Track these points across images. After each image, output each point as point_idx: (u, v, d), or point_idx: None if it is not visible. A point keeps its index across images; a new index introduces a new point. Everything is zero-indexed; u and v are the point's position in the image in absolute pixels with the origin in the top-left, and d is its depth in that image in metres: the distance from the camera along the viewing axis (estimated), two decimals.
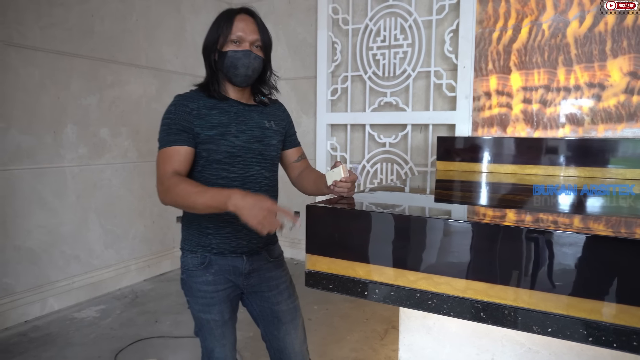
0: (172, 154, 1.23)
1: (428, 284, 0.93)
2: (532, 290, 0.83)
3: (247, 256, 1.36)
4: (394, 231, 0.96)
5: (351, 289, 1.02)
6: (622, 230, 0.93)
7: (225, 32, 1.25)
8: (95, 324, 2.64)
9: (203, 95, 1.30)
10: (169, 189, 1.17)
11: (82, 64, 2.88)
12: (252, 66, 1.28)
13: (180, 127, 1.24)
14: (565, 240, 0.81)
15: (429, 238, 0.93)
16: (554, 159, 1.99)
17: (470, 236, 0.89)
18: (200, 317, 1.35)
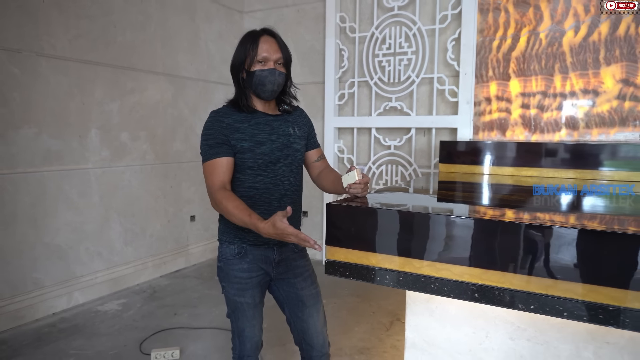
0: (216, 165, 1.41)
1: (431, 270, 1.09)
2: (517, 274, 0.99)
3: (277, 247, 1.53)
4: (401, 225, 1.13)
5: (365, 276, 1.18)
6: (585, 223, 1.09)
7: (251, 54, 1.42)
8: (118, 316, 2.81)
9: (234, 111, 1.47)
10: (219, 203, 1.38)
11: (105, 72, 3.06)
12: (277, 82, 1.45)
13: (219, 140, 1.42)
14: (544, 232, 0.98)
15: (431, 231, 1.09)
16: (548, 162, 2.15)
17: (466, 229, 1.05)
18: (235, 300, 1.52)
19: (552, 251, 0.96)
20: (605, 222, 1.17)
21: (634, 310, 0.89)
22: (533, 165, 2.17)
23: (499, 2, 3.05)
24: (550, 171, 2.15)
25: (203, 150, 1.43)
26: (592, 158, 2.30)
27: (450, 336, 1.29)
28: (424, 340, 1.33)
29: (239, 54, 1.46)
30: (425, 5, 3.35)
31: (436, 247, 1.09)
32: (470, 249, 1.05)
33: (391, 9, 3.44)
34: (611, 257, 0.92)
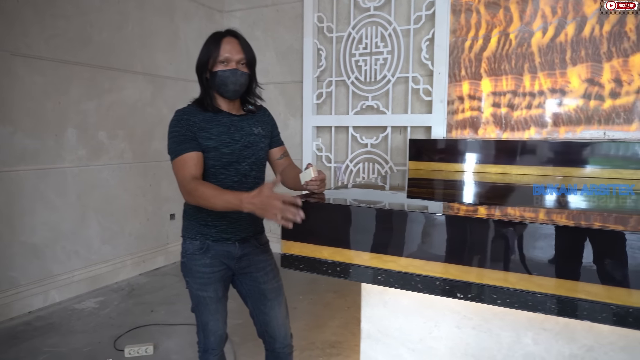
0: (186, 160, 1.44)
1: (378, 262, 1.14)
2: (456, 264, 1.05)
3: (239, 243, 1.57)
4: (348, 220, 1.18)
5: (318, 269, 1.23)
6: (516, 213, 1.15)
7: (214, 54, 1.46)
8: (94, 314, 2.83)
9: (200, 110, 1.51)
10: (191, 192, 1.40)
11: (82, 71, 3.07)
12: (239, 82, 1.49)
13: (187, 136, 1.46)
14: (482, 224, 1.03)
15: (376, 225, 1.14)
16: (511, 159, 2.22)
17: (409, 222, 1.11)
18: (198, 294, 1.56)
19: (489, 243, 1.02)
20: (540, 213, 1.23)
21: (562, 297, 0.95)
22: (497, 162, 2.24)
23: (470, 3, 3.12)
24: (514, 168, 2.23)
25: (171, 148, 1.46)
26: (551, 155, 2.34)
27: (403, 326, 1.34)
28: (378, 331, 1.39)
29: (202, 54, 1.50)
30: (400, 5, 3.41)
31: (382, 240, 1.14)
32: (413, 242, 1.10)
33: (367, 9, 3.50)
34: (547, 248, 0.98)
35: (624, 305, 0.91)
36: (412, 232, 1.10)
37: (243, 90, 1.53)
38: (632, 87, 2.73)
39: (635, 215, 1.30)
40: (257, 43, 4.10)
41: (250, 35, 4.13)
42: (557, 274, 0.96)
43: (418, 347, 1.33)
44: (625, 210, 1.43)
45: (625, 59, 2.73)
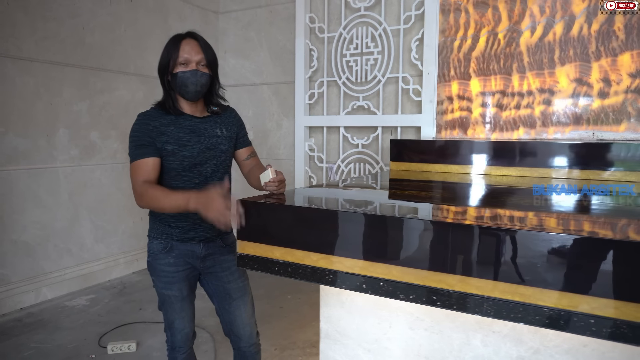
0: (141, 165, 1.47)
1: (326, 262, 1.15)
2: (398, 266, 1.05)
3: (204, 243, 1.59)
4: (298, 221, 1.19)
5: (270, 268, 1.24)
6: (467, 215, 1.15)
7: (174, 56, 1.48)
8: (84, 311, 2.88)
9: (162, 113, 1.53)
10: (141, 195, 1.44)
11: (74, 73, 3.12)
12: (199, 83, 1.51)
13: (145, 142, 1.48)
14: (423, 225, 1.04)
15: (323, 225, 1.15)
16: (490, 160, 2.21)
17: (353, 223, 1.11)
18: (162, 293, 1.59)
19: (428, 245, 1.02)
20: (473, 213, 1.23)
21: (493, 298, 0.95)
22: (477, 163, 2.23)
23: (459, 2, 3.10)
24: (493, 169, 2.21)
25: (130, 151, 1.48)
26: (530, 156, 2.28)
27: (359, 327, 1.35)
28: (336, 331, 1.39)
29: (163, 57, 1.52)
30: (390, 5, 3.40)
31: (328, 240, 1.15)
32: (356, 243, 1.11)
33: (358, 10, 3.50)
34: (483, 250, 0.98)
35: (555, 307, 0.91)
36: (354, 233, 1.11)
37: (204, 91, 1.55)
38: (620, 87, 2.69)
39: (541, 212, 1.29)
40: (251, 44, 4.13)
41: (245, 36, 4.16)
42: (494, 277, 0.96)
43: (374, 348, 1.34)
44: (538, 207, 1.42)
45: (614, 59, 2.69)
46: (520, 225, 1.06)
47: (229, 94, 4.26)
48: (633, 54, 2.64)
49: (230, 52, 4.27)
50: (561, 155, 2.10)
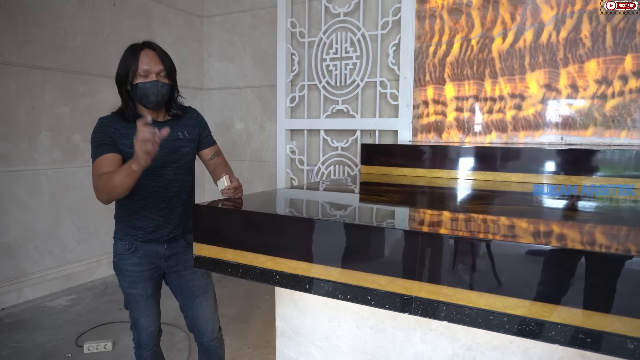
0: (101, 161, 1.52)
1: (273, 264, 1.21)
2: (338, 268, 1.12)
3: (167, 243, 1.65)
4: (247, 224, 1.25)
5: (224, 269, 1.30)
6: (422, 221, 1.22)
7: (133, 67, 1.52)
8: (64, 311, 2.93)
9: (121, 119, 1.58)
10: (97, 187, 1.47)
11: (55, 77, 3.17)
12: (160, 93, 1.56)
13: (106, 140, 1.53)
14: (351, 228, 1.10)
15: (271, 229, 1.21)
16: (455, 164, 2.27)
17: (293, 227, 1.18)
18: (128, 292, 1.65)
19: (363, 247, 1.09)
20: (401, 216, 1.29)
21: (421, 298, 1.02)
22: (443, 167, 2.30)
23: (434, 9, 3.18)
24: (458, 172, 2.28)
25: (92, 152, 1.54)
26: (492, 161, 2.32)
27: (311, 325, 1.41)
28: (290, 329, 1.46)
29: (121, 67, 1.55)
30: (369, 11, 3.47)
31: (274, 243, 1.21)
32: (299, 246, 1.17)
33: (338, 15, 3.56)
34: (408, 252, 1.05)
35: (474, 307, 0.97)
36: (296, 236, 1.17)
37: (165, 100, 1.60)
38: (587, 93, 2.77)
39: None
40: (235, 47, 4.19)
41: (228, 40, 4.22)
42: (422, 278, 1.03)
43: (324, 345, 1.40)
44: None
45: (580, 65, 2.77)
46: (450, 229, 1.12)
47: (214, 96, 4.33)
48: (599, 61, 2.72)
49: (214, 55, 4.33)
50: (526, 160, 2.16)
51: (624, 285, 0.85)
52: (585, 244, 1.00)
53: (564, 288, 0.89)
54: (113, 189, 1.42)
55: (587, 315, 0.87)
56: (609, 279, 0.87)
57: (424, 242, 1.03)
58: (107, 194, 1.45)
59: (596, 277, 0.88)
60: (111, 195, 1.46)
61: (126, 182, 1.39)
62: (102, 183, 1.43)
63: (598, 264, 0.88)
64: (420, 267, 1.03)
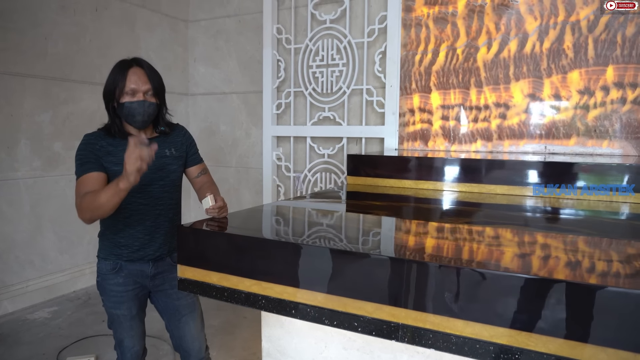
0: (85, 180, 1.48)
1: (258, 288, 1.20)
2: (323, 293, 1.11)
3: (153, 262, 1.62)
4: (232, 247, 1.24)
5: (208, 292, 1.28)
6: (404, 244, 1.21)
7: (120, 85, 1.49)
8: (45, 324, 2.87)
9: (108, 135, 1.55)
10: (80, 206, 1.44)
11: (35, 84, 3.10)
12: (147, 112, 1.53)
13: (91, 158, 1.50)
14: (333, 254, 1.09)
15: (256, 253, 1.20)
16: (442, 176, 2.28)
17: (278, 250, 1.17)
18: (112, 312, 1.62)
19: (350, 273, 1.08)
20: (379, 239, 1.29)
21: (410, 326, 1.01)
22: (430, 178, 2.30)
23: (420, 18, 3.19)
24: (444, 184, 2.29)
25: (76, 169, 1.50)
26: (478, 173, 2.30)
27: (298, 346, 1.40)
28: (277, 350, 1.44)
29: (109, 84, 1.53)
30: (355, 19, 3.47)
31: (259, 267, 1.20)
32: (284, 270, 1.16)
33: (324, 22, 3.55)
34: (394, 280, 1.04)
35: (460, 335, 0.97)
36: (281, 261, 1.16)
37: (152, 119, 1.58)
38: (570, 103, 2.81)
39: None
40: (220, 53, 4.15)
41: (214, 45, 4.18)
42: (408, 306, 1.02)
43: None
44: None
45: (563, 76, 2.80)
46: (434, 257, 1.12)
47: (200, 102, 4.29)
48: (581, 72, 2.76)
49: (199, 60, 4.28)
50: (512, 172, 2.17)
51: (607, 315, 0.86)
52: (570, 273, 1.01)
53: (549, 318, 0.90)
54: (98, 208, 1.39)
55: (572, 345, 0.88)
56: (592, 309, 0.87)
57: (410, 270, 1.02)
58: (90, 213, 1.42)
59: (580, 308, 0.88)
60: (95, 214, 1.43)
61: (112, 201, 1.37)
62: (86, 202, 1.40)
63: (581, 294, 0.88)
64: (407, 294, 1.02)
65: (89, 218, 1.45)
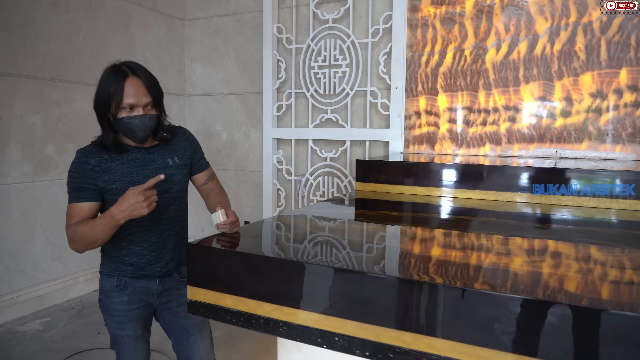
0: (76, 210, 1.38)
1: (279, 314, 1.10)
2: (353, 321, 1.01)
3: (160, 279, 1.51)
4: (250, 268, 1.13)
5: (222, 317, 1.18)
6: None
7: (116, 99, 1.34)
8: (37, 337, 2.73)
9: (102, 151, 1.42)
10: (72, 238, 1.36)
11: (26, 84, 2.96)
12: (148, 127, 1.41)
13: (84, 184, 1.38)
14: (373, 280, 0.99)
15: (277, 275, 1.09)
16: (456, 182, 2.19)
17: (304, 274, 1.06)
18: (115, 333, 1.50)
19: (387, 300, 0.98)
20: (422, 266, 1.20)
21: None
22: (444, 185, 2.21)
23: (427, 18, 3.10)
24: (457, 191, 2.20)
25: (68, 190, 1.39)
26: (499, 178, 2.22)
27: None
28: None
29: (101, 95, 1.37)
30: (359, 18, 3.37)
31: (281, 291, 1.09)
32: (309, 295, 1.06)
33: (326, 21, 3.45)
34: (437, 308, 0.95)
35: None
36: (307, 285, 1.06)
37: (153, 131, 1.46)
38: (582, 106, 2.74)
39: None
40: (218, 53, 4.02)
41: (211, 44, 4.05)
42: (451, 337, 0.93)
43: None
44: None
45: (575, 78, 2.73)
46: (478, 283, 1.03)
47: (197, 103, 4.16)
48: (593, 74, 2.69)
49: (196, 60, 4.15)
50: (532, 178, 2.07)
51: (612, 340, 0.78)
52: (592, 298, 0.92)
53: None
54: (93, 242, 1.33)
55: None
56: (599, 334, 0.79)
57: (453, 298, 0.93)
58: (84, 246, 1.36)
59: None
60: (90, 247, 1.36)
61: (109, 234, 1.31)
62: (79, 234, 1.32)
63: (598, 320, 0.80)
64: (450, 324, 0.93)
65: (82, 249, 1.39)
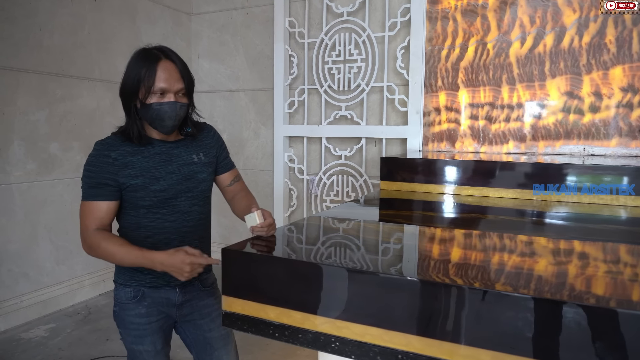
0: (93, 209, 1.26)
1: (331, 328, 0.98)
2: (420, 336, 0.89)
3: (180, 288, 1.39)
4: (297, 277, 1.01)
5: (263, 330, 1.06)
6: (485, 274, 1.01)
7: (147, 83, 1.23)
8: (42, 344, 2.60)
9: (124, 141, 1.30)
10: (92, 246, 1.24)
11: (30, 79, 2.82)
12: (179, 116, 1.29)
13: (102, 180, 1.25)
14: (450, 291, 0.88)
15: (328, 284, 0.98)
16: (487, 180, 2.08)
17: (366, 284, 0.94)
18: (133, 348, 1.38)
19: (459, 312, 0.86)
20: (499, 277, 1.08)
21: None
22: (473, 184, 2.10)
23: (447, 10, 2.98)
24: (491, 190, 2.09)
25: (83, 186, 1.26)
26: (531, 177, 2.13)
27: None
28: None
29: (131, 79, 1.26)
30: (375, 11, 3.25)
31: (336, 302, 0.97)
32: (368, 306, 0.94)
33: (341, 15, 3.33)
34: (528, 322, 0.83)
35: None
36: (363, 295, 0.94)
37: (181, 122, 1.34)
38: (612, 101, 2.63)
39: None
40: (227, 48, 3.90)
41: (220, 39, 3.93)
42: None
43: None
44: None
45: (605, 72, 2.62)
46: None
47: (204, 100, 4.03)
48: (625, 67, 2.58)
49: (204, 56, 4.02)
50: (564, 176, 1.97)
51: None
52: None
53: None
54: (114, 262, 1.27)
55: None
56: None
57: (549, 312, 0.81)
58: (99, 257, 1.26)
59: None
60: (108, 261, 1.27)
61: (130, 262, 1.24)
62: (103, 250, 1.23)
63: None
64: (547, 342, 0.81)
65: (95, 256, 1.28)
